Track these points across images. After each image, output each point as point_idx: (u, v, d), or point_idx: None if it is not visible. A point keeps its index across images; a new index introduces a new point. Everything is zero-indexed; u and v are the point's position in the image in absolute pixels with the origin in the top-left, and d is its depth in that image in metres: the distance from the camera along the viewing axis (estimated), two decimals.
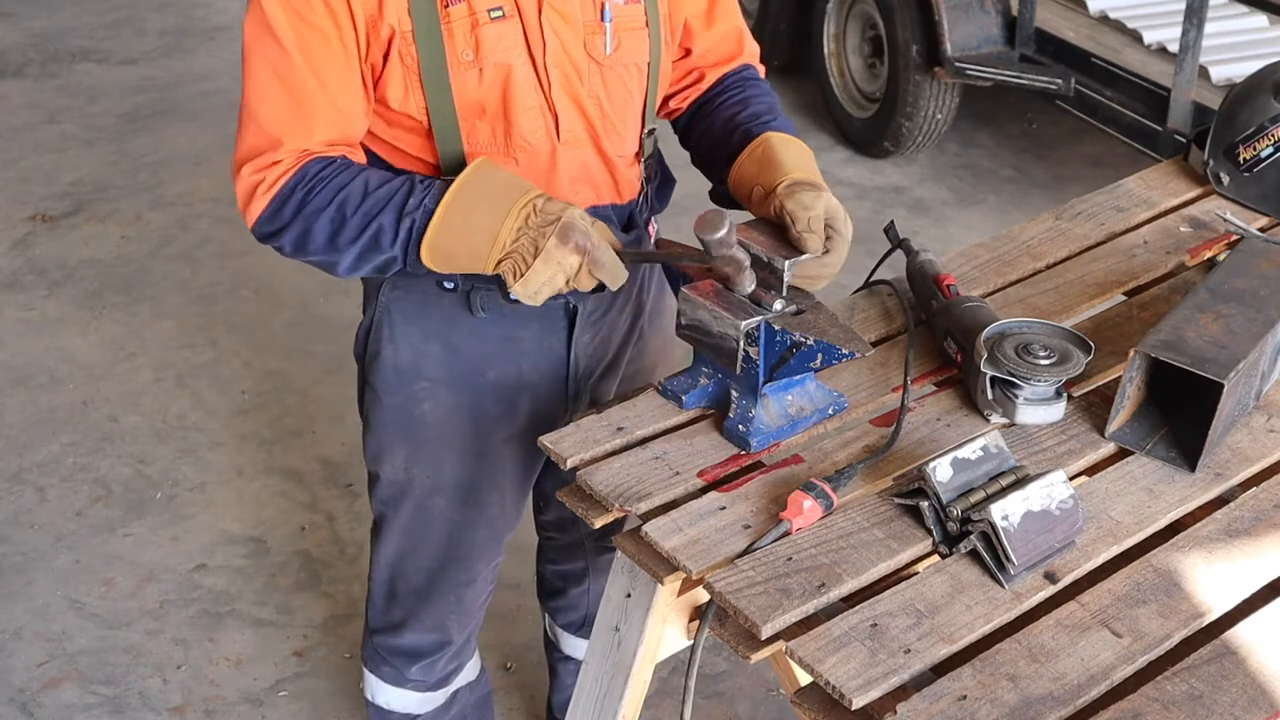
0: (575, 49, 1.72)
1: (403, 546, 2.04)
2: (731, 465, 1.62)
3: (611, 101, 1.77)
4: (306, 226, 1.66)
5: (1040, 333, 1.69)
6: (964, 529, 1.47)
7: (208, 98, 5.32)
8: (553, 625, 2.49)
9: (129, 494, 3.30)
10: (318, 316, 3.98)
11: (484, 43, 1.67)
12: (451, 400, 1.90)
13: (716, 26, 1.90)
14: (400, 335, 1.87)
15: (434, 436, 1.93)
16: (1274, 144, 2.08)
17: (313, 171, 1.66)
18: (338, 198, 1.65)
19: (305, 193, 1.65)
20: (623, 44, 1.75)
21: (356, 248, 1.66)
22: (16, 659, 2.84)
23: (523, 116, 1.71)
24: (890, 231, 2.00)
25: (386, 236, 1.64)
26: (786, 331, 1.59)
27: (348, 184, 1.65)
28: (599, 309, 1.91)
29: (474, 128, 1.71)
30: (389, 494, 2.00)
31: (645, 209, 1.91)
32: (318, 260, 1.70)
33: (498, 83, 1.69)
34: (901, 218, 4.46)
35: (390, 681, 2.18)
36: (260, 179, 1.67)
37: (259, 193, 1.67)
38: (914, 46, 4.57)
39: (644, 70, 1.80)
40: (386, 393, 1.91)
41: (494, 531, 2.04)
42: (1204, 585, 1.46)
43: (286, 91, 1.65)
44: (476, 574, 2.07)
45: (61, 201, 4.61)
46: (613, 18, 1.74)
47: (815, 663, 1.35)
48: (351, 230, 1.65)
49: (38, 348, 3.85)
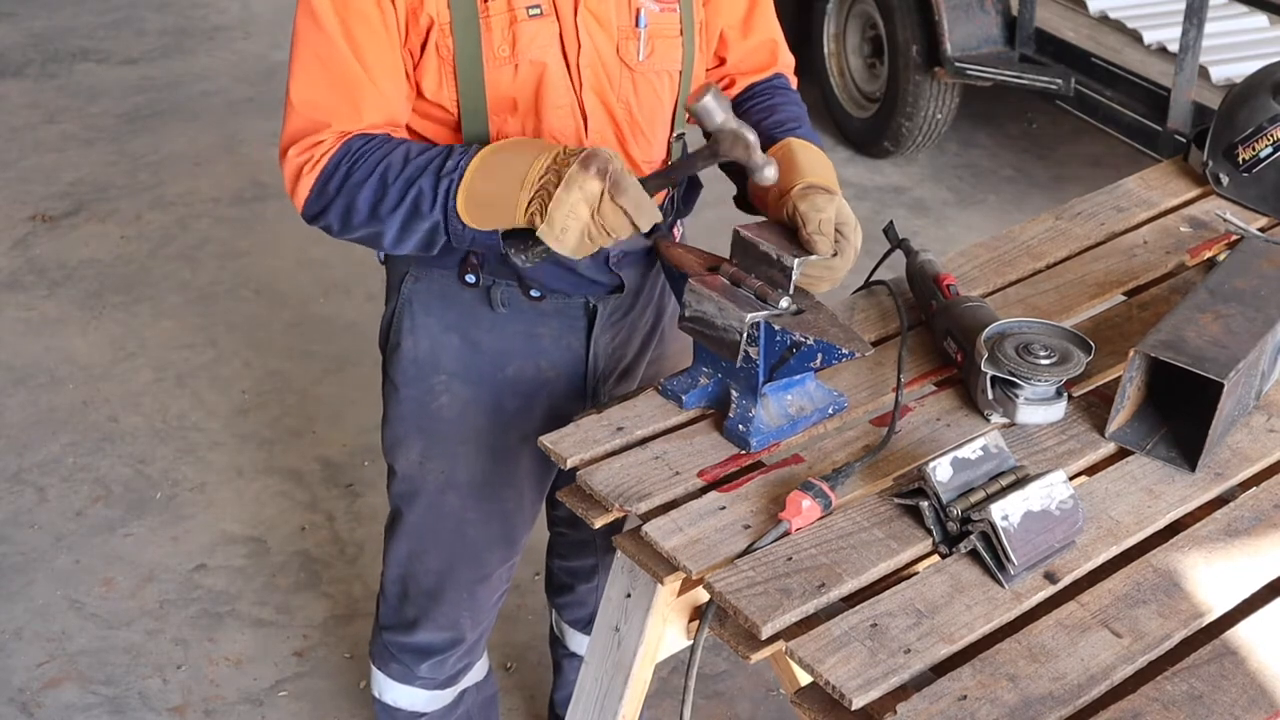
0: (608, 52, 1.73)
1: (415, 542, 2.04)
2: (731, 465, 1.62)
3: (641, 107, 1.78)
4: (350, 199, 1.67)
5: (1040, 333, 1.69)
6: (964, 529, 1.47)
7: (208, 98, 5.32)
8: (559, 621, 2.49)
9: (129, 494, 3.30)
10: (318, 316, 3.98)
11: (520, 39, 1.68)
12: (468, 395, 1.91)
13: (752, 36, 1.90)
14: (420, 327, 1.89)
15: (450, 431, 1.93)
16: (1273, 144, 2.08)
17: (356, 146, 1.68)
18: (379, 167, 1.66)
19: (350, 167, 1.67)
20: (656, 50, 1.76)
21: (399, 215, 1.66)
22: (16, 659, 2.84)
23: (553, 115, 1.72)
24: (890, 232, 2.00)
25: (426, 200, 1.65)
26: (786, 331, 1.59)
27: (389, 154, 1.66)
28: (619, 309, 1.91)
29: (504, 123, 1.72)
30: (403, 488, 2.01)
31: (671, 212, 1.92)
32: (364, 234, 1.71)
33: (532, 80, 1.70)
34: (901, 218, 4.46)
35: (399, 679, 2.18)
36: (306, 158, 1.69)
37: (305, 172, 1.69)
38: (914, 46, 4.57)
39: (675, 78, 1.80)
40: (404, 385, 1.92)
41: (508, 529, 2.04)
42: (1204, 585, 1.46)
43: (331, 77, 1.68)
44: (489, 571, 2.07)
45: (61, 201, 4.61)
46: (647, 24, 1.75)
47: (815, 663, 1.35)
48: (393, 197, 1.66)
49: (38, 348, 3.85)
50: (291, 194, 1.72)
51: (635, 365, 2.00)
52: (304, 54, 1.69)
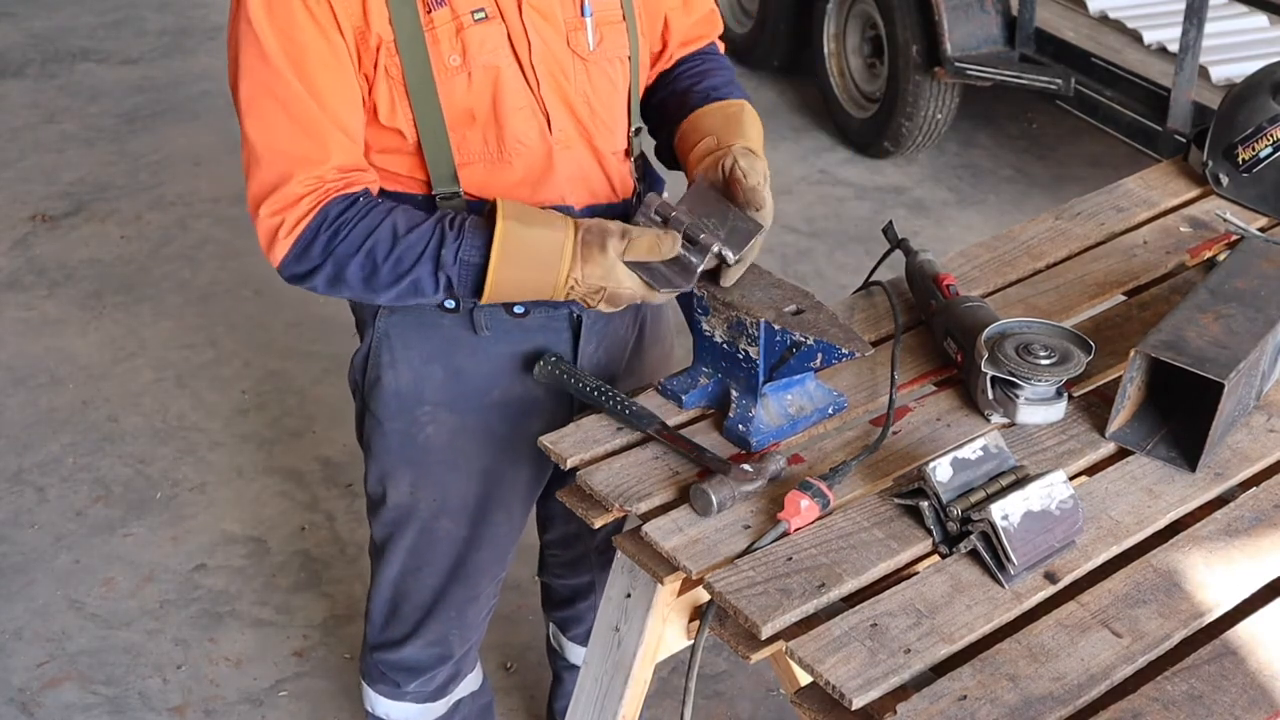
0: (559, 46, 1.72)
1: (408, 567, 2.02)
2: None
3: (598, 97, 1.77)
4: (338, 269, 1.65)
5: (1041, 333, 1.69)
6: (964, 529, 1.47)
7: (208, 98, 5.32)
8: (558, 635, 2.47)
9: (129, 494, 3.30)
10: (318, 316, 3.98)
11: (470, 45, 1.65)
12: (455, 423, 1.88)
13: (694, 12, 1.92)
14: (401, 360, 1.85)
15: (439, 460, 1.91)
16: (1273, 144, 2.08)
17: (334, 214, 1.63)
18: (366, 244, 1.62)
19: (330, 236, 1.63)
20: (605, 38, 1.76)
21: (394, 292, 1.66)
22: (16, 659, 2.84)
23: (514, 118, 1.70)
24: (889, 232, 2.00)
25: (427, 286, 1.65)
26: (786, 331, 1.59)
27: (375, 228, 1.63)
28: (602, 318, 1.89)
29: (464, 138, 1.70)
30: (393, 516, 1.97)
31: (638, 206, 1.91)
32: (357, 297, 1.70)
33: (487, 86, 1.68)
34: (901, 218, 4.46)
35: (388, 696, 2.17)
36: (280, 221, 1.63)
37: (280, 236, 1.64)
38: (914, 46, 4.57)
39: (626, 64, 1.80)
40: (388, 419, 1.89)
41: (499, 549, 2.03)
42: (1204, 585, 1.46)
43: (289, 118, 1.61)
44: (480, 590, 2.06)
45: (61, 201, 4.61)
46: (593, 12, 1.74)
47: (815, 663, 1.35)
48: (385, 278, 1.64)
49: (38, 348, 3.85)
50: (268, 254, 1.67)
51: (618, 370, 1.97)
52: (254, 91, 1.62)
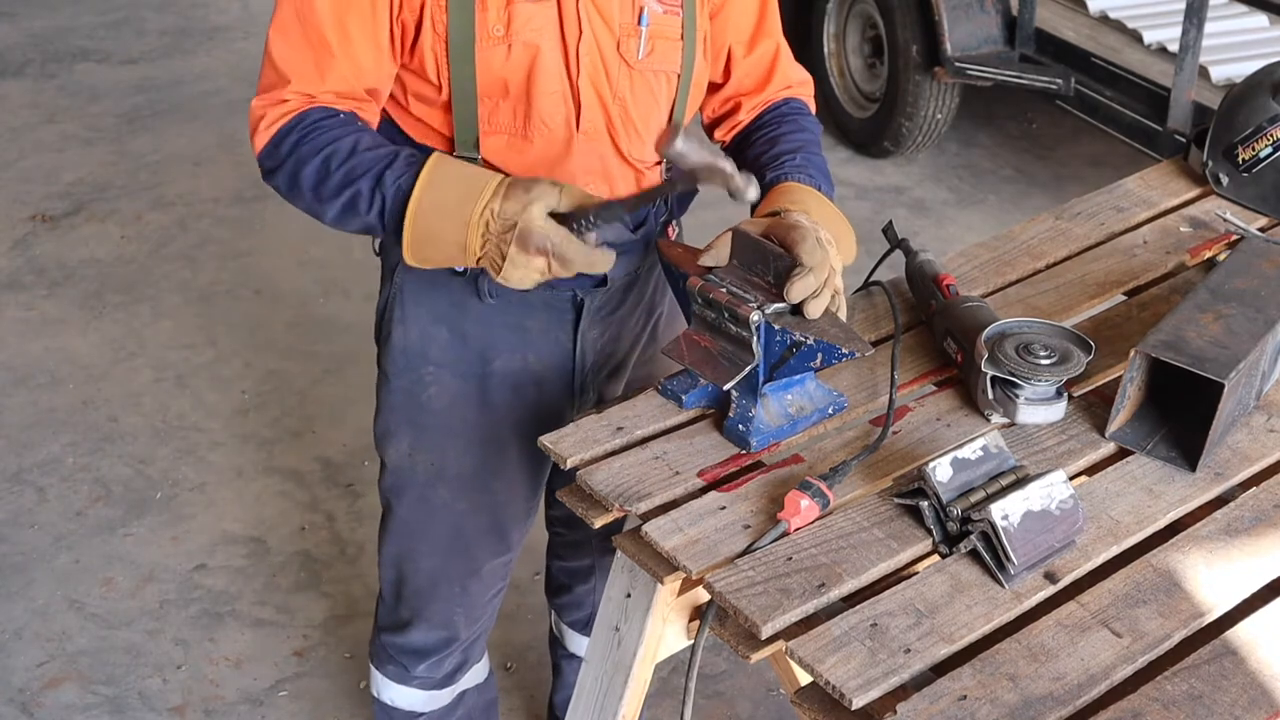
0: (608, 46, 1.73)
1: (406, 538, 2.04)
2: (731, 465, 1.62)
3: (637, 105, 1.78)
4: (297, 169, 1.69)
5: (1041, 332, 1.69)
6: (964, 529, 1.47)
7: (208, 98, 5.32)
8: (558, 622, 2.49)
9: (129, 494, 3.30)
10: (318, 316, 3.98)
11: (516, 19, 1.68)
12: (456, 387, 1.91)
13: (755, 52, 1.90)
14: (411, 317, 1.89)
15: (438, 423, 1.94)
16: (1272, 144, 2.08)
17: (311, 118, 1.68)
18: (326, 150, 1.66)
19: (300, 136, 1.68)
20: (656, 50, 1.76)
21: (338, 204, 1.68)
22: (16, 659, 2.84)
23: (544, 100, 1.72)
24: (889, 232, 2.00)
25: (363, 203, 1.66)
26: (787, 331, 1.59)
27: (340, 138, 1.67)
28: (608, 305, 1.91)
29: (495, 108, 1.72)
30: (392, 481, 2.01)
31: (664, 212, 1.91)
32: (306, 206, 1.73)
33: (524, 62, 1.70)
34: (901, 218, 4.46)
35: (395, 679, 2.19)
36: (264, 114, 1.70)
37: (261, 128, 1.70)
38: (914, 46, 4.57)
39: (674, 80, 1.80)
40: (394, 375, 1.93)
41: (498, 520, 2.03)
42: (1204, 585, 1.46)
43: (305, 37, 1.68)
44: (481, 564, 2.07)
45: (61, 201, 4.61)
46: (649, 24, 1.75)
47: (815, 663, 1.35)
48: (333, 185, 1.67)
49: (38, 348, 3.85)
50: (251, 141, 1.74)
51: (624, 364, 2.00)
52: (286, 7, 1.70)
